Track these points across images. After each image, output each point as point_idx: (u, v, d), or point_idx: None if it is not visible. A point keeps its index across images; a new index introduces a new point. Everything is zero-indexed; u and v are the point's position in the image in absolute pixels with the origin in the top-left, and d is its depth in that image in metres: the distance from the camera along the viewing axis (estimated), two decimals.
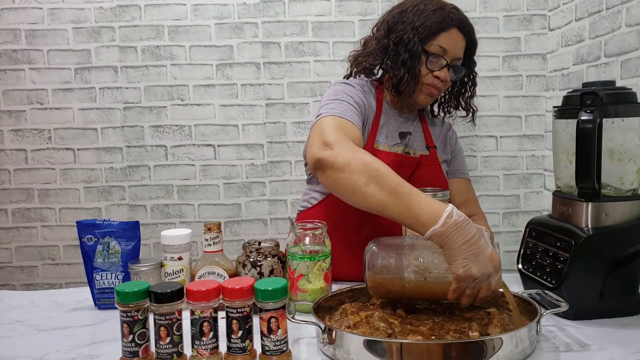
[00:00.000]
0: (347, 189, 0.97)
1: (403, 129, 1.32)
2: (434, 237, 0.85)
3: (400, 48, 1.23)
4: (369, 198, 0.94)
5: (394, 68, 1.24)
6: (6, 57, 1.83)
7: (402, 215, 0.90)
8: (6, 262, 1.89)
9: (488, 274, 0.85)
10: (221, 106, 1.86)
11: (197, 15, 1.83)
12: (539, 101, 1.87)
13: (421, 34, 1.21)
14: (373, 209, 0.95)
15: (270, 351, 0.81)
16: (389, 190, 0.91)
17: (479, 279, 0.84)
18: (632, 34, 1.36)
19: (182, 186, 1.88)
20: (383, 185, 0.92)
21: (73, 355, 0.87)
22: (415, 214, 0.87)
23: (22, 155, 1.86)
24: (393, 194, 0.91)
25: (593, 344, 0.87)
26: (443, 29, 1.22)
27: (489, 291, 0.87)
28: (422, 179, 1.26)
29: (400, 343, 0.77)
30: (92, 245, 1.10)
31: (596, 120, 0.94)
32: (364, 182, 0.94)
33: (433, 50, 1.22)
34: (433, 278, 0.89)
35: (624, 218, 0.98)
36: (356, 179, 0.95)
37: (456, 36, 1.23)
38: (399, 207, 0.90)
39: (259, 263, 1.04)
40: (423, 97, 1.27)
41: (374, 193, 0.93)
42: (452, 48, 1.23)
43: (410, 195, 0.90)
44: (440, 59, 1.23)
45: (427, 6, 1.24)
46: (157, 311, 0.79)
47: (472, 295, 0.86)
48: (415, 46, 1.21)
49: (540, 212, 1.89)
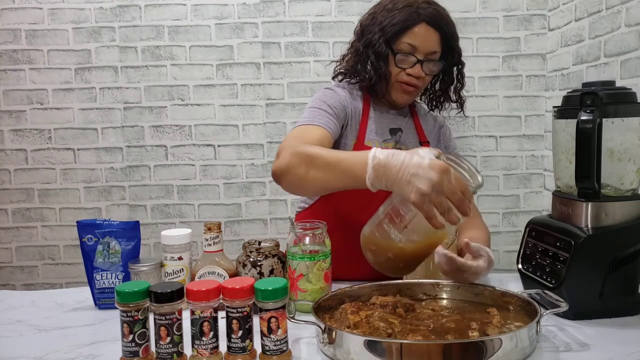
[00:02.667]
0: (298, 185, 1.05)
1: (393, 125, 1.33)
2: (376, 184, 0.88)
3: (369, 50, 1.25)
4: (314, 182, 1.01)
5: (364, 71, 1.27)
6: (6, 57, 1.83)
7: (344, 182, 0.95)
8: (6, 262, 1.89)
9: (436, 181, 0.81)
10: (221, 106, 1.86)
11: (197, 16, 1.83)
12: (539, 101, 1.87)
13: (387, 33, 1.22)
14: (324, 190, 1.03)
15: (270, 351, 0.81)
16: (324, 167, 0.98)
17: (433, 191, 0.81)
18: (631, 34, 1.36)
19: (182, 186, 1.88)
20: (318, 165, 0.99)
21: (73, 355, 0.87)
22: (351, 175, 0.92)
23: (23, 155, 1.87)
24: (328, 168, 0.97)
25: (593, 343, 0.87)
26: (409, 26, 1.21)
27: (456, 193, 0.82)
28: None
29: (400, 343, 0.77)
30: (92, 245, 1.10)
31: (596, 120, 0.94)
32: (304, 171, 1.01)
33: (402, 49, 1.22)
34: (413, 223, 0.87)
35: (623, 218, 0.98)
36: (298, 173, 1.02)
37: (425, 31, 1.22)
38: (337, 176, 0.96)
39: (259, 263, 1.04)
40: (399, 95, 1.27)
41: (316, 176, 1.00)
42: (422, 44, 1.22)
43: (340, 162, 0.96)
44: (410, 57, 1.22)
45: (396, 5, 1.24)
46: (157, 311, 0.80)
47: (448, 210, 0.82)
48: (381, 47, 1.22)
49: (540, 212, 1.89)
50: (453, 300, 1.00)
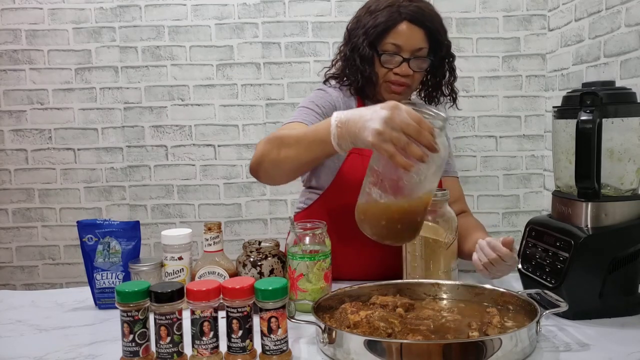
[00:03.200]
0: (274, 169, 1.08)
1: None
2: (342, 144, 0.91)
3: (355, 54, 1.26)
4: (287, 161, 1.03)
5: (353, 74, 1.28)
6: (7, 57, 1.83)
7: (314, 151, 0.98)
8: (7, 262, 1.89)
9: (387, 117, 0.83)
10: (221, 106, 1.86)
11: (197, 16, 1.83)
12: (539, 101, 1.87)
13: (370, 36, 1.23)
14: (299, 166, 1.05)
15: (270, 351, 0.81)
16: (294, 143, 1.01)
17: (386, 127, 0.83)
18: (631, 34, 1.36)
19: (183, 186, 1.88)
20: (289, 143, 1.02)
21: (73, 355, 0.87)
22: (319, 140, 0.95)
23: (23, 155, 1.87)
24: (297, 143, 1.01)
25: (593, 343, 0.87)
26: (391, 26, 1.22)
27: (411, 125, 0.83)
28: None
29: (400, 343, 0.77)
30: (92, 245, 1.10)
31: (596, 120, 0.94)
32: (276, 152, 1.04)
33: (387, 49, 1.23)
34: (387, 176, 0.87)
35: (623, 218, 0.98)
36: (272, 157, 1.06)
37: (408, 29, 1.22)
38: (306, 147, 0.99)
39: (259, 263, 1.04)
40: (388, 95, 1.27)
41: (287, 154, 1.02)
42: (406, 42, 1.22)
43: (308, 132, 0.99)
44: (396, 56, 1.23)
45: (378, 6, 1.24)
46: (158, 311, 0.80)
47: (407, 144, 0.82)
48: (364, 50, 1.23)
49: (540, 212, 1.89)
50: (453, 300, 1.00)
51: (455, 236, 1.10)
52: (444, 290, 1.02)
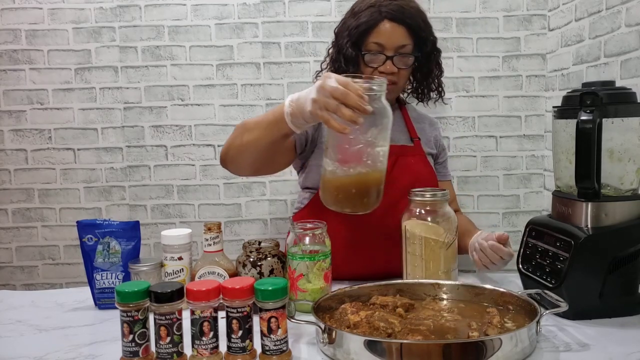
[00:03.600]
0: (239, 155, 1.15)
1: None
2: (295, 121, 0.97)
3: (340, 56, 1.29)
4: (249, 145, 1.10)
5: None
6: (6, 57, 1.83)
7: (272, 132, 1.05)
8: (6, 262, 1.89)
9: (320, 85, 0.90)
10: (221, 106, 1.86)
11: (197, 16, 1.83)
12: (539, 101, 1.87)
13: (353, 36, 1.26)
14: (261, 149, 1.10)
15: (270, 351, 0.81)
16: (254, 127, 1.09)
17: (320, 95, 0.90)
18: (631, 34, 1.36)
19: (182, 186, 1.88)
20: (250, 128, 1.10)
21: (73, 355, 0.87)
22: (275, 120, 1.02)
23: (23, 155, 1.87)
24: (257, 125, 1.09)
25: (593, 343, 0.87)
26: (372, 26, 1.24)
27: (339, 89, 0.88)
28: (409, 168, 1.29)
29: (400, 343, 0.77)
30: (92, 245, 1.10)
31: (596, 120, 0.94)
32: (240, 138, 1.12)
33: (370, 48, 1.25)
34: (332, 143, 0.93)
35: (623, 218, 0.98)
36: (236, 143, 1.14)
37: (390, 27, 1.24)
38: (265, 128, 1.06)
39: (259, 263, 1.04)
40: None
41: (249, 138, 1.10)
42: (388, 40, 1.24)
43: (266, 115, 1.07)
44: (379, 55, 1.25)
45: (360, 7, 1.28)
46: (157, 311, 0.80)
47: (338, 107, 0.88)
48: (348, 51, 1.27)
49: (540, 212, 1.89)
50: (453, 300, 1.00)
51: (455, 236, 1.10)
52: (444, 290, 1.02)
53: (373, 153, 0.92)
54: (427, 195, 1.10)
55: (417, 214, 1.10)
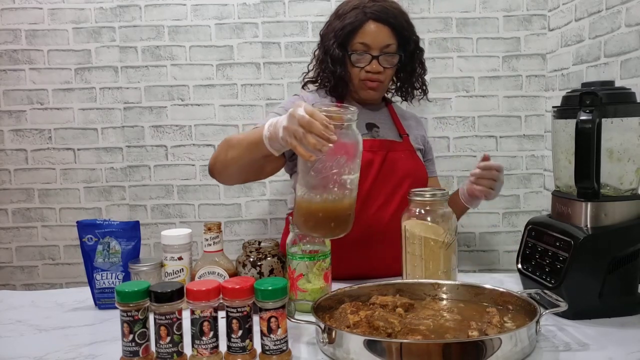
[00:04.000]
0: (224, 170, 1.19)
1: (369, 120, 1.37)
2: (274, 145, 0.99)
3: (327, 57, 1.33)
4: (233, 162, 1.14)
5: (326, 76, 1.36)
6: (6, 57, 1.83)
7: (252, 152, 1.08)
8: (6, 262, 1.89)
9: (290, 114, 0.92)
10: (221, 106, 1.86)
11: (197, 16, 1.83)
12: (539, 101, 1.87)
13: (339, 37, 1.30)
14: (243, 166, 1.15)
15: (270, 351, 0.81)
16: (237, 145, 1.12)
17: (289, 123, 0.92)
18: (631, 34, 1.36)
19: (182, 186, 1.88)
20: (233, 145, 1.14)
21: (73, 355, 0.87)
22: (255, 141, 1.04)
23: (23, 155, 1.87)
24: (239, 144, 1.12)
25: (592, 343, 0.87)
26: (358, 27, 1.28)
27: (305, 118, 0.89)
28: (399, 163, 1.32)
29: (400, 343, 0.77)
30: (92, 245, 1.10)
31: (595, 120, 0.94)
32: (224, 154, 1.16)
33: (356, 49, 1.29)
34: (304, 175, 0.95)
35: (623, 218, 0.98)
36: (221, 158, 1.18)
37: (374, 28, 1.28)
38: (246, 147, 1.09)
39: (259, 263, 1.04)
40: (365, 92, 1.34)
41: (233, 155, 1.13)
42: (374, 40, 1.28)
43: (248, 134, 1.11)
44: (365, 55, 1.29)
45: (345, 9, 1.31)
46: (157, 311, 0.80)
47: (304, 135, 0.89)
48: (335, 51, 1.30)
49: (539, 212, 1.89)
50: (453, 300, 1.00)
51: (455, 236, 1.10)
52: (444, 290, 1.02)
53: (340, 181, 0.93)
54: (426, 195, 1.10)
55: (417, 214, 1.10)
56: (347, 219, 0.97)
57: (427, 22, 1.84)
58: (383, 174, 1.29)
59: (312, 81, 1.42)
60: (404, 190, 1.29)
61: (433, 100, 1.86)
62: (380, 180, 1.29)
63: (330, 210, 0.94)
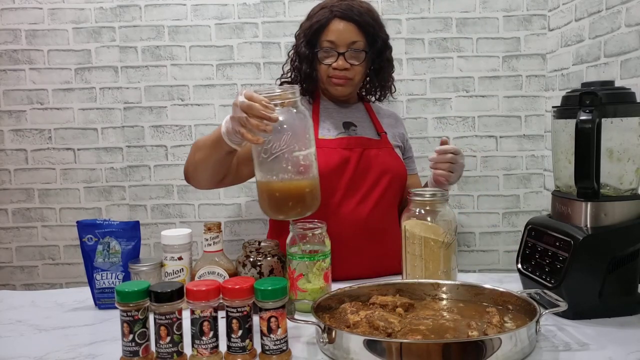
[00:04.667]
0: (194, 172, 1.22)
1: (346, 119, 1.39)
2: (233, 139, 1.03)
3: (296, 56, 1.39)
4: (201, 162, 1.17)
5: (296, 75, 1.40)
6: (6, 57, 1.83)
7: (215, 149, 1.10)
8: (6, 262, 1.89)
9: (234, 102, 0.96)
10: (221, 106, 1.86)
11: (197, 16, 1.83)
12: (539, 101, 1.87)
13: (307, 36, 1.35)
14: (210, 165, 1.17)
15: (270, 350, 0.81)
16: (202, 145, 1.16)
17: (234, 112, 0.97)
18: (631, 34, 1.36)
19: (182, 186, 1.88)
20: (200, 147, 1.17)
21: (73, 355, 0.87)
22: (217, 139, 1.08)
23: (23, 155, 1.87)
24: (204, 144, 1.15)
25: (592, 343, 0.87)
26: (324, 25, 1.32)
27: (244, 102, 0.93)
28: (377, 160, 1.33)
29: (400, 343, 0.77)
30: (92, 245, 1.10)
31: (595, 120, 0.94)
32: (193, 157, 1.20)
33: (323, 46, 1.33)
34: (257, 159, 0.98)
35: (623, 218, 0.98)
36: (190, 161, 1.23)
37: (340, 25, 1.31)
38: (210, 146, 1.12)
39: (258, 263, 1.04)
40: (332, 88, 1.36)
41: (200, 156, 1.17)
42: (339, 37, 1.31)
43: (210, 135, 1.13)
44: (331, 52, 1.32)
45: (314, 10, 1.36)
46: (157, 311, 0.80)
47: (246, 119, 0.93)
48: (302, 50, 1.35)
49: (539, 212, 1.89)
50: (453, 300, 1.01)
51: (455, 236, 1.10)
52: (444, 290, 1.02)
53: (292, 158, 0.94)
54: (426, 195, 1.10)
55: (417, 214, 1.10)
56: (308, 196, 0.97)
57: (427, 22, 1.84)
58: (360, 171, 1.31)
59: (287, 81, 1.45)
60: (382, 187, 1.32)
61: (433, 100, 1.86)
62: (357, 177, 1.31)
63: (288, 189, 0.95)
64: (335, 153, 1.30)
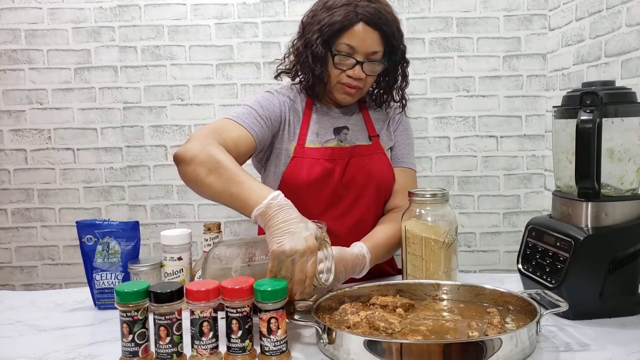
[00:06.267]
0: (191, 181, 1.04)
1: (338, 124, 1.31)
2: (259, 218, 0.92)
3: (308, 51, 1.22)
4: (208, 188, 1.01)
5: (303, 71, 1.25)
6: (6, 57, 1.83)
7: (234, 202, 0.98)
8: (6, 262, 1.89)
9: (300, 251, 0.86)
10: (221, 106, 1.86)
11: (197, 15, 1.83)
12: (539, 101, 1.87)
13: (325, 34, 1.19)
14: (212, 198, 1.03)
15: (269, 351, 0.81)
16: (225, 179, 0.99)
17: (291, 256, 0.86)
18: (632, 33, 1.36)
19: (182, 186, 1.88)
20: (221, 175, 0.99)
21: (73, 355, 0.87)
22: (245, 198, 0.95)
23: (22, 155, 1.86)
24: (228, 182, 0.98)
25: (593, 343, 0.87)
26: (347, 27, 1.17)
27: (303, 274, 0.87)
28: (363, 169, 1.26)
29: (400, 343, 0.77)
30: (92, 246, 1.10)
31: (596, 120, 0.94)
32: (205, 173, 1.01)
33: (341, 50, 1.19)
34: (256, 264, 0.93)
35: (623, 218, 0.98)
36: (199, 171, 1.01)
37: (364, 31, 1.18)
38: (232, 194, 0.98)
39: None
40: (341, 96, 1.26)
41: (213, 183, 1.00)
42: (361, 44, 1.18)
43: (243, 183, 0.97)
44: (349, 58, 1.20)
45: (335, 3, 1.19)
46: (157, 311, 0.79)
47: (287, 277, 0.87)
48: (318, 48, 1.20)
49: (540, 212, 1.89)
50: (453, 300, 1.00)
51: (455, 236, 1.10)
52: (444, 290, 1.02)
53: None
54: (427, 195, 1.10)
55: (417, 214, 1.10)
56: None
57: (427, 22, 1.83)
58: (346, 180, 1.25)
59: (286, 72, 1.33)
60: (367, 200, 1.26)
61: (433, 100, 1.86)
62: (340, 191, 1.25)
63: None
64: (318, 164, 1.23)
